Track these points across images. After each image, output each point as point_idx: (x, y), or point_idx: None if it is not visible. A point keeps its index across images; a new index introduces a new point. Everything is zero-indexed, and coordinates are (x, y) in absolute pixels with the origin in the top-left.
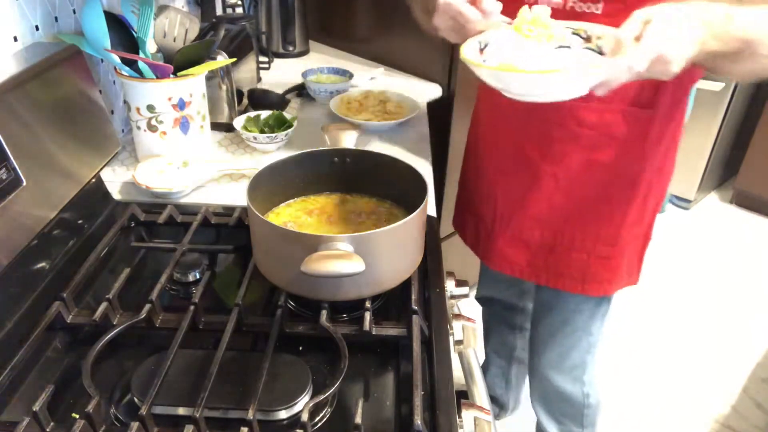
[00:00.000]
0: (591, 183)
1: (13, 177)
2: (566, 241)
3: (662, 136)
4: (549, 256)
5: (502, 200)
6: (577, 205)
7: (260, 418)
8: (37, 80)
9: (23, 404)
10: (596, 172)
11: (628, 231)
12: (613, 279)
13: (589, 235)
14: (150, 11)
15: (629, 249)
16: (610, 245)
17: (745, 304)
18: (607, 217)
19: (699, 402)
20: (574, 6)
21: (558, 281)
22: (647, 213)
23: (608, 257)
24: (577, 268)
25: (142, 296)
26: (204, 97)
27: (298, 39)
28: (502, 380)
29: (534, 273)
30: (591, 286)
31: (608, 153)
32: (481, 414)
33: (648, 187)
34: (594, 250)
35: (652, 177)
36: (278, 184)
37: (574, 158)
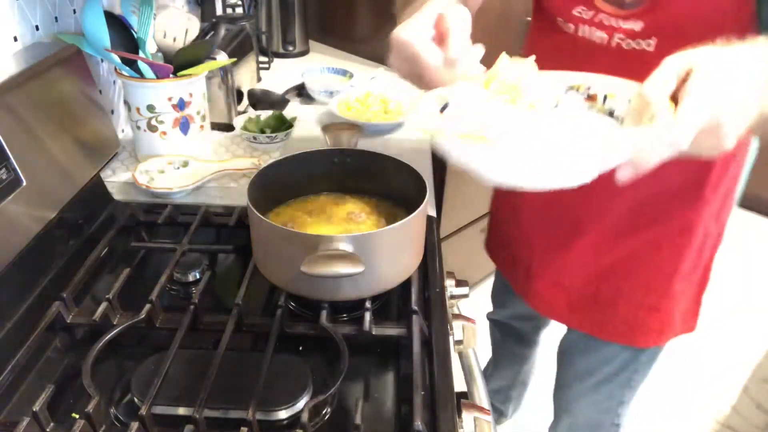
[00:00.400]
0: (640, 232)
1: (13, 177)
2: (612, 291)
3: (721, 181)
4: (593, 306)
5: (541, 245)
6: (624, 255)
7: (260, 418)
8: (37, 80)
9: (23, 404)
10: (646, 222)
11: (682, 280)
12: (663, 330)
13: (638, 286)
14: (150, 11)
15: (683, 298)
16: (660, 296)
17: (746, 304)
18: (657, 268)
19: (699, 402)
20: (620, 43)
21: (603, 332)
22: (703, 259)
23: (658, 309)
24: (623, 320)
25: (142, 296)
26: (204, 97)
27: (298, 39)
28: (502, 396)
29: (577, 321)
30: (639, 338)
31: (658, 204)
32: (481, 414)
33: (704, 235)
34: (643, 302)
35: (709, 223)
36: (278, 184)
37: (620, 207)
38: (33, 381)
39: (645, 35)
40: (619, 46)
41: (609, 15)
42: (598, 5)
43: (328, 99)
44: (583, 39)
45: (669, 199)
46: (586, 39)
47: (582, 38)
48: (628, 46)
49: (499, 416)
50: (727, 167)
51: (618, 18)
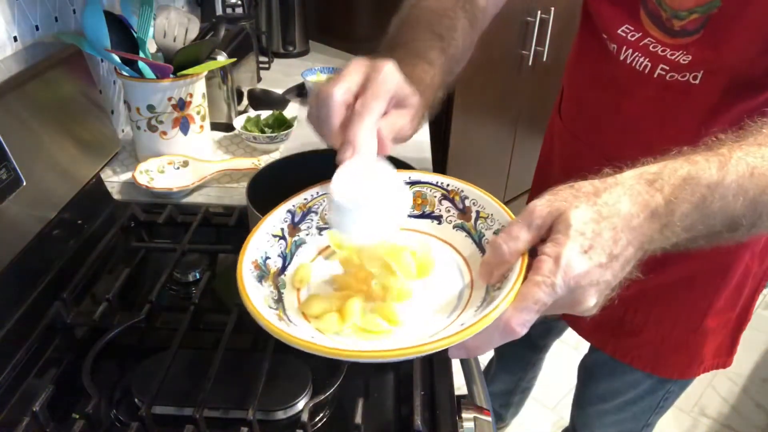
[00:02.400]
0: (673, 266)
1: (13, 177)
2: (639, 320)
3: None
4: (617, 330)
5: None
6: (655, 285)
7: (260, 418)
8: (37, 80)
9: (23, 404)
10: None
11: (715, 317)
12: (691, 363)
13: (666, 318)
14: (150, 11)
15: (716, 334)
16: (690, 331)
17: None
18: (690, 303)
19: (699, 402)
20: (663, 74)
21: (626, 356)
22: (742, 298)
23: (686, 343)
24: (648, 350)
25: (142, 296)
26: (204, 97)
27: (298, 39)
28: (503, 400)
29: (601, 340)
30: (663, 369)
31: None
32: (481, 414)
33: (744, 275)
34: (670, 334)
35: (752, 262)
36: (278, 184)
37: None
38: (33, 381)
39: (691, 69)
40: (662, 77)
41: (656, 41)
42: (646, 27)
43: None
44: (624, 64)
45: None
46: (627, 65)
47: (623, 63)
48: (672, 78)
49: (497, 420)
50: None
51: (665, 46)
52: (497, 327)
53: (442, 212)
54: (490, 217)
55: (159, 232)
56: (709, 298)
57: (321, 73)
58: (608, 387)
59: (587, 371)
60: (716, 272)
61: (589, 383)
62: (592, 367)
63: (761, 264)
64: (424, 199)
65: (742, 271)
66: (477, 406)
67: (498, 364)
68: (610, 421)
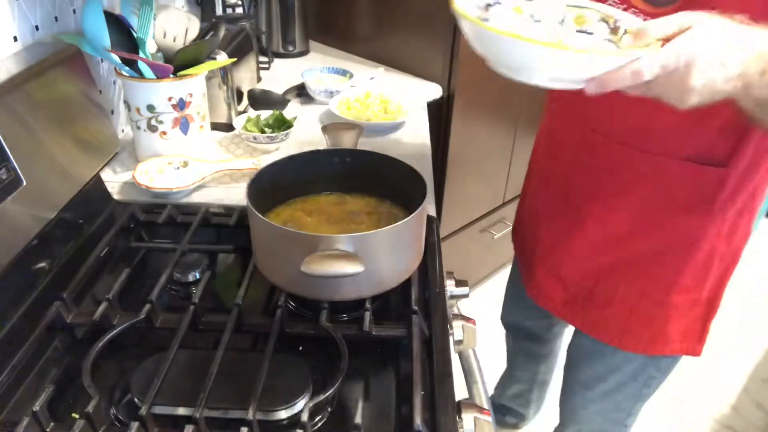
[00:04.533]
0: (641, 238)
1: (13, 177)
2: (608, 291)
3: (735, 199)
4: (587, 303)
5: (546, 233)
6: (624, 258)
7: (260, 418)
8: (37, 80)
9: (23, 404)
10: (649, 229)
11: (681, 296)
12: (656, 340)
13: (633, 291)
14: (150, 11)
15: (682, 313)
16: (656, 306)
17: (746, 304)
18: (656, 277)
19: (699, 402)
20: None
21: (593, 329)
22: (710, 280)
23: (651, 317)
24: (615, 322)
25: (142, 296)
26: (204, 97)
27: (298, 39)
28: (522, 399)
29: (569, 314)
30: (629, 342)
31: (665, 210)
32: (481, 414)
33: (711, 253)
34: (637, 307)
35: (718, 242)
36: (278, 184)
37: (624, 210)
38: (33, 381)
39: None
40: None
41: (639, 11)
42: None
43: (328, 99)
44: None
45: (675, 210)
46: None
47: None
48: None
49: (520, 420)
50: (742, 184)
51: (648, 16)
52: (631, 67)
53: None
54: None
55: (159, 232)
56: (675, 272)
57: (321, 73)
58: (590, 373)
59: (570, 359)
60: (683, 247)
61: (573, 371)
62: (574, 353)
63: (728, 246)
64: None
65: (708, 250)
66: (477, 406)
67: (510, 367)
68: (594, 411)
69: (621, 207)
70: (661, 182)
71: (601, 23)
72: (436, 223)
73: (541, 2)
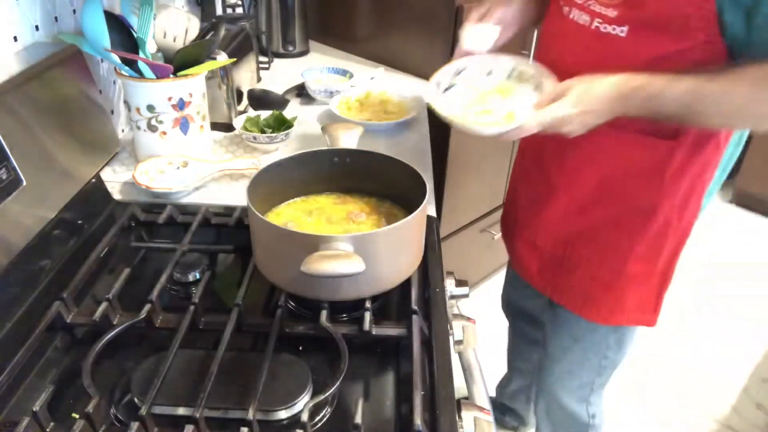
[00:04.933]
0: (602, 206)
1: (13, 177)
2: (574, 257)
3: (685, 171)
4: (557, 270)
5: (522, 203)
6: (588, 225)
7: (260, 418)
8: (37, 80)
9: (23, 404)
10: (609, 197)
11: (637, 265)
12: (615, 309)
13: (594, 257)
14: (150, 11)
15: (638, 284)
16: (613, 273)
17: (746, 304)
18: (614, 244)
19: (699, 402)
20: (599, 26)
21: (561, 297)
22: (664, 252)
23: (611, 285)
24: (579, 289)
25: (142, 296)
26: (204, 97)
27: (298, 39)
28: (523, 396)
29: (542, 283)
30: (590, 310)
31: (623, 180)
32: (481, 414)
33: (665, 224)
34: (597, 274)
35: (671, 214)
36: (278, 184)
37: (587, 179)
38: (33, 381)
39: (618, 23)
40: (597, 29)
41: (595, 1)
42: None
43: (328, 99)
44: (572, 21)
45: (631, 179)
46: (573, 21)
47: (571, 21)
48: (605, 29)
49: (520, 424)
50: (691, 158)
51: (601, 5)
52: (518, 130)
53: None
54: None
55: (159, 232)
56: (631, 240)
57: (321, 73)
58: (557, 343)
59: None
60: (638, 215)
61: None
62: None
63: (680, 220)
64: None
65: (662, 221)
66: (477, 405)
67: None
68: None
69: (584, 178)
70: (619, 154)
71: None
72: (436, 223)
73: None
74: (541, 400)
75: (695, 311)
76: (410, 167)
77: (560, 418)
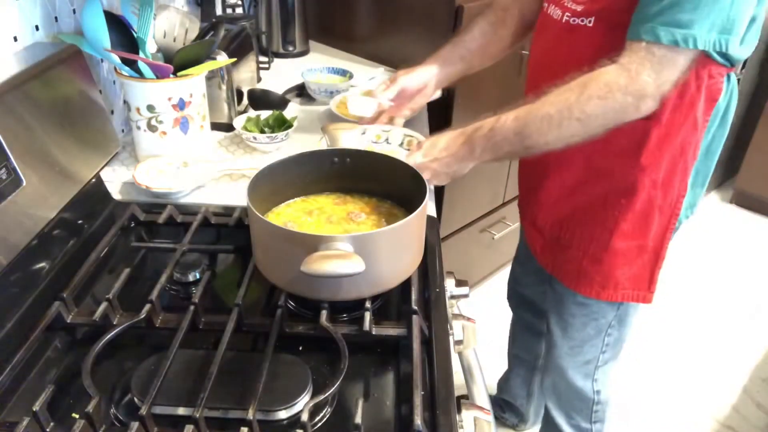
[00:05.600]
0: (590, 186)
1: (13, 177)
2: (568, 235)
3: (662, 150)
4: (555, 247)
5: (524, 185)
6: (578, 204)
7: (260, 418)
8: (37, 80)
9: (23, 404)
10: (595, 177)
11: (623, 241)
12: (606, 284)
13: (585, 234)
14: (150, 11)
15: (628, 260)
16: (601, 249)
17: (746, 304)
18: (602, 220)
19: (699, 402)
20: (569, 20)
21: (559, 273)
22: (650, 229)
23: (600, 260)
24: (573, 265)
25: (142, 296)
26: (204, 97)
27: (298, 39)
28: (523, 389)
29: (545, 259)
30: (583, 286)
31: (605, 160)
32: (481, 414)
33: (648, 202)
34: (588, 250)
35: (654, 192)
36: (278, 184)
37: (575, 161)
38: (33, 381)
39: (585, 15)
40: (567, 22)
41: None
42: None
43: (328, 99)
44: (549, 16)
45: (612, 159)
46: (549, 16)
47: (549, 15)
48: (574, 22)
49: (519, 422)
50: (668, 137)
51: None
52: None
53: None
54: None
55: (159, 232)
56: (615, 217)
57: (321, 73)
58: (557, 320)
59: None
60: (621, 193)
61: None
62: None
63: (665, 197)
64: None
65: (645, 198)
66: (477, 405)
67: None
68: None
69: (572, 159)
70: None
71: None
72: (436, 223)
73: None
74: (547, 377)
75: (695, 311)
76: (410, 167)
77: (566, 393)
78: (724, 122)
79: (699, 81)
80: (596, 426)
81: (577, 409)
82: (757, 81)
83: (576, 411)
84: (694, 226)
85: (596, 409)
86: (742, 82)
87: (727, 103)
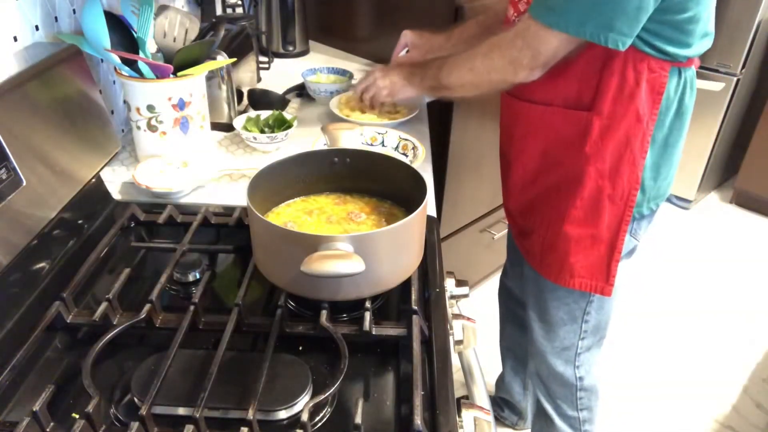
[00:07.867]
0: (546, 174)
1: (13, 177)
2: (530, 222)
3: (606, 140)
4: (523, 232)
5: (501, 175)
6: (538, 192)
7: (260, 418)
8: (37, 80)
9: (23, 404)
10: (550, 166)
11: (575, 228)
12: (562, 270)
13: (544, 221)
14: (150, 11)
15: (582, 248)
16: (555, 235)
17: (746, 304)
18: (555, 207)
19: (699, 402)
20: (515, 19)
21: (527, 255)
22: (602, 218)
23: (555, 247)
24: (536, 249)
25: (142, 296)
26: (204, 97)
27: (298, 39)
28: (518, 382)
29: (520, 243)
30: (545, 269)
31: (556, 149)
32: (481, 414)
33: (597, 190)
34: (546, 236)
35: (602, 182)
36: (278, 184)
37: (532, 150)
38: (33, 381)
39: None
40: (515, 20)
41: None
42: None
43: (328, 99)
44: (507, 16)
45: (562, 148)
46: (507, 16)
47: (507, 16)
48: (519, 20)
49: (518, 419)
50: (610, 127)
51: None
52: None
53: None
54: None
55: (159, 232)
56: (567, 203)
57: (321, 73)
58: (533, 302)
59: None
60: (570, 181)
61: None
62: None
63: (614, 188)
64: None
65: (593, 187)
66: (477, 405)
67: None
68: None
69: (530, 149)
70: (550, 125)
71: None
72: (436, 223)
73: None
74: (531, 363)
75: (695, 311)
76: (410, 167)
77: (549, 379)
78: (681, 115)
79: (638, 74)
80: (583, 414)
81: (561, 396)
82: (757, 81)
83: (560, 398)
84: (695, 225)
85: (581, 395)
86: (742, 82)
87: (680, 97)
